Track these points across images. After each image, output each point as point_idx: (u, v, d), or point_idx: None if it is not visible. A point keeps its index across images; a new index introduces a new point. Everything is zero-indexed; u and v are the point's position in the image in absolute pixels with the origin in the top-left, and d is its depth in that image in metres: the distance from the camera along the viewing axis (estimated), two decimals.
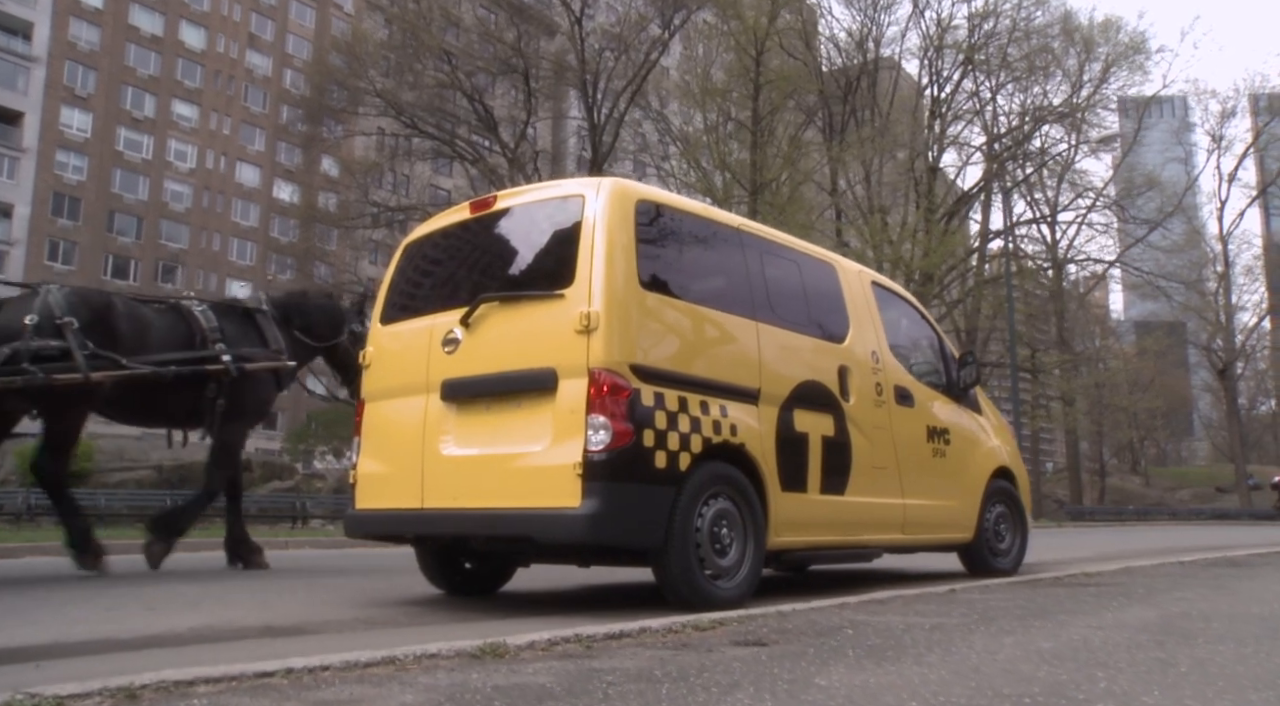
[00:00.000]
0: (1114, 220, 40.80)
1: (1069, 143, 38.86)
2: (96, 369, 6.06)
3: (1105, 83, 37.21)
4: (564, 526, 4.05)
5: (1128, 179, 41.64)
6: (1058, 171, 39.13)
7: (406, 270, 5.22)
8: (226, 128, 60.18)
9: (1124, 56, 37.18)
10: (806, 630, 3.25)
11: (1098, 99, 37.12)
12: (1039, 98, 37.77)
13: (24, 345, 5.83)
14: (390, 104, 33.63)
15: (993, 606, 3.88)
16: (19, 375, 5.77)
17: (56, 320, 5.99)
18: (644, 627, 3.20)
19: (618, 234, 4.34)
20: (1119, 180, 41.49)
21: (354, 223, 36.54)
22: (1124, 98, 40.19)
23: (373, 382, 5.08)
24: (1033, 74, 37.08)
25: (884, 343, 5.93)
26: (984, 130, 38.45)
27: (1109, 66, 36.99)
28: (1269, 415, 74.11)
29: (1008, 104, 38.19)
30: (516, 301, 4.47)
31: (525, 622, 4.10)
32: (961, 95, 37.64)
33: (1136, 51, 37.66)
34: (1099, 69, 36.91)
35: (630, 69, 34.48)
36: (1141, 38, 37.29)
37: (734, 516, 4.55)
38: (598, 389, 4.09)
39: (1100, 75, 36.96)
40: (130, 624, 4.04)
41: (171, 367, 6.54)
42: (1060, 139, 38.06)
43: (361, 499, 4.94)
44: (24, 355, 5.81)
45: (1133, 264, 41.53)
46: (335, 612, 4.50)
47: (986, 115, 37.96)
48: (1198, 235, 47.72)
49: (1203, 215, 48.59)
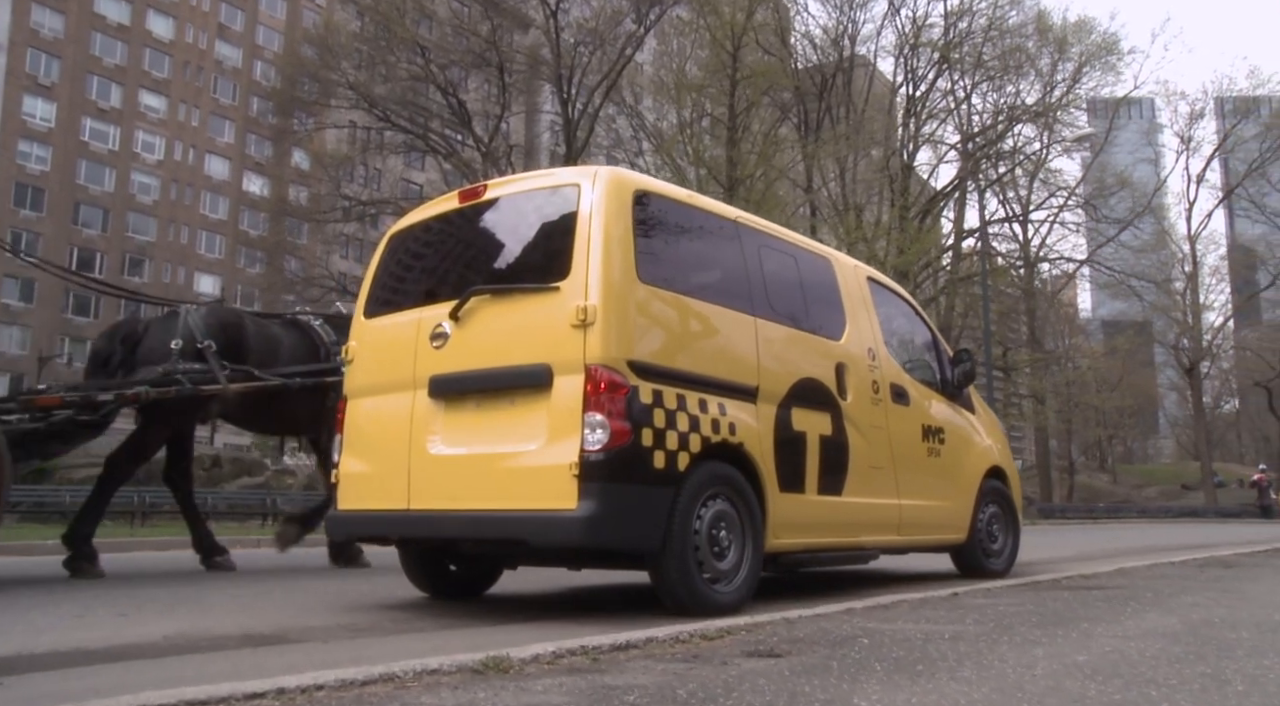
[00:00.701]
0: (1085, 219, 41.06)
1: (1042, 142, 39.07)
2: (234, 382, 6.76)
3: (1078, 83, 37.41)
4: (560, 529, 3.88)
5: (1099, 179, 41.91)
6: (1030, 171, 39.31)
7: (391, 262, 5.02)
8: (195, 119, 59.33)
9: (1096, 56, 37.38)
10: (819, 640, 3.11)
11: (1070, 99, 37.31)
12: (1012, 97, 37.93)
13: (172, 366, 6.57)
14: (363, 97, 33.20)
15: (1005, 613, 3.75)
16: (172, 385, 6.48)
17: (198, 344, 6.71)
18: (650, 637, 3.04)
19: (614, 225, 4.18)
20: (1090, 180, 41.76)
21: (325, 216, 36.08)
22: (1093, 99, 40.43)
23: (356, 378, 4.88)
24: (1007, 73, 37.20)
25: (880, 339, 5.80)
26: (958, 129, 38.58)
27: (1081, 66, 37.18)
28: (1232, 414, 75.12)
29: (982, 103, 38.33)
30: (509, 294, 4.28)
31: (518, 630, 3.93)
32: (936, 94, 37.74)
33: (1108, 52, 37.87)
34: (1072, 69, 37.10)
35: (605, 64, 34.23)
36: (1114, 38, 37.49)
37: (732, 518, 4.40)
38: (595, 386, 3.93)
39: (1073, 75, 37.15)
40: (101, 632, 3.83)
41: (297, 379, 7.14)
42: (1034, 138, 38.22)
43: (344, 499, 4.74)
44: (173, 376, 6.54)
45: (1104, 263, 41.82)
46: (317, 618, 4.31)
47: (961, 114, 38.06)
48: (1166, 235, 48.15)
49: (1171, 216, 48.98)
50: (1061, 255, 42.44)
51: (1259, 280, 53.71)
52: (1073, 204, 40.60)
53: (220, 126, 60.54)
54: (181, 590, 5.50)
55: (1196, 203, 49.53)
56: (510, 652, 2.63)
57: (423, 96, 35.02)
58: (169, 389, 6.46)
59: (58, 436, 6.36)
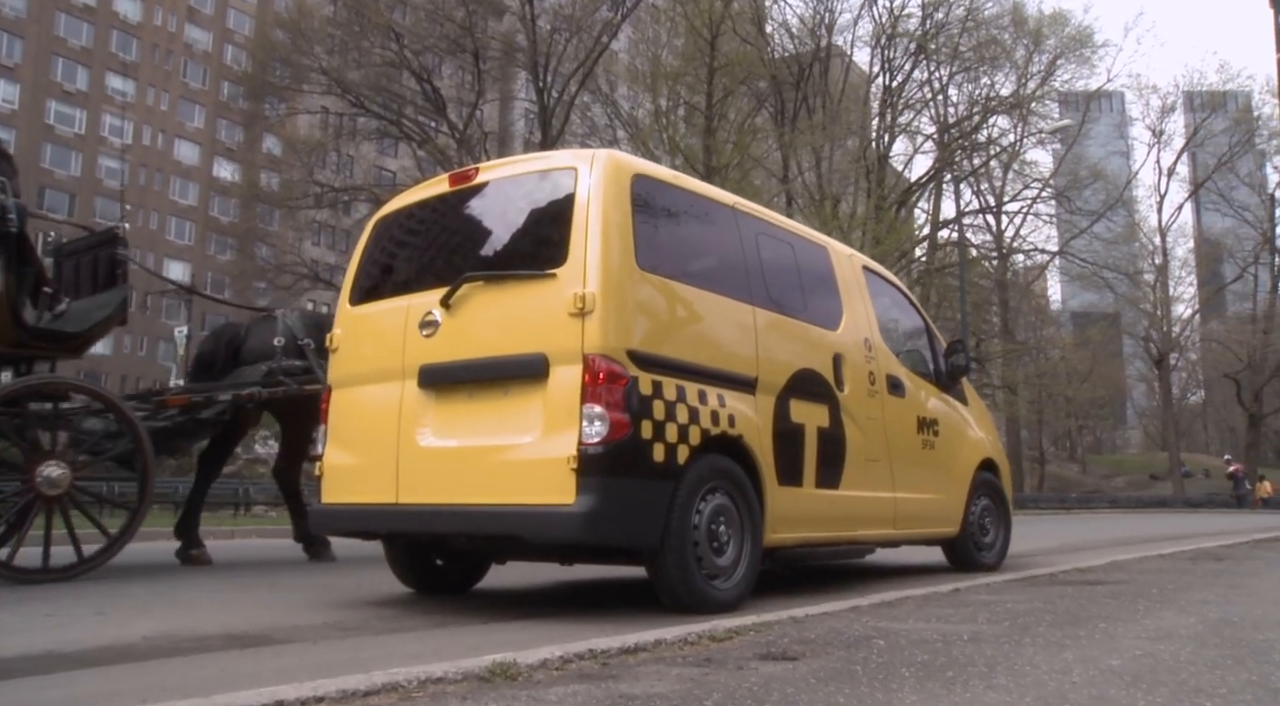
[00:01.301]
0: (1059, 211, 41.28)
1: (1016, 134, 39.22)
2: None
3: (1053, 75, 37.58)
4: (557, 525, 3.75)
5: (1072, 171, 42.15)
6: (1005, 162, 39.46)
7: (377, 248, 4.85)
8: (164, 103, 58.38)
9: (1070, 49, 37.57)
10: (832, 641, 3.00)
11: (1046, 91, 37.47)
12: (987, 88, 38.02)
13: (276, 363, 6.86)
14: (336, 82, 32.73)
15: (1016, 611, 3.66)
16: (279, 386, 6.75)
17: (299, 342, 6.96)
18: (659, 639, 2.91)
19: (613, 210, 4.03)
20: (1064, 172, 41.98)
21: (298, 203, 35.56)
22: (1064, 92, 40.59)
23: (341, 368, 4.71)
24: (982, 65, 37.27)
25: (876, 330, 5.70)
26: (934, 120, 38.62)
27: (1056, 58, 37.35)
28: (1199, 405, 76.06)
29: (958, 94, 38.39)
30: (503, 281, 4.13)
31: (515, 629, 3.80)
32: (912, 85, 37.74)
33: (1082, 44, 38.09)
34: (1047, 61, 37.25)
35: (581, 52, 33.93)
36: (1089, 31, 37.73)
37: (731, 513, 4.29)
38: (593, 376, 3.79)
39: (1048, 67, 37.30)
40: (75, 632, 3.66)
41: None
42: (1009, 129, 38.34)
43: (329, 492, 4.57)
44: (277, 372, 6.83)
45: (1076, 255, 42.09)
46: (303, 616, 4.15)
47: (937, 105, 38.11)
48: (1137, 228, 48.58)
49: (1142, 209, 49.42)
50: (1036, 247, 42.66)
51: (1224, 273, 54.37)
52: (1046, 195, 40.84)
53: (190, 111, 59.64)
54: (158, 586, 5.31)
55: (1167, 195, 49.66)
56: (517, 658, 2.50)
57: (396, 82, 34.59)
58: (277, 389, 6.75)
59: (182, 433, 6.84)
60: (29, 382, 5.76)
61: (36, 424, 5.78)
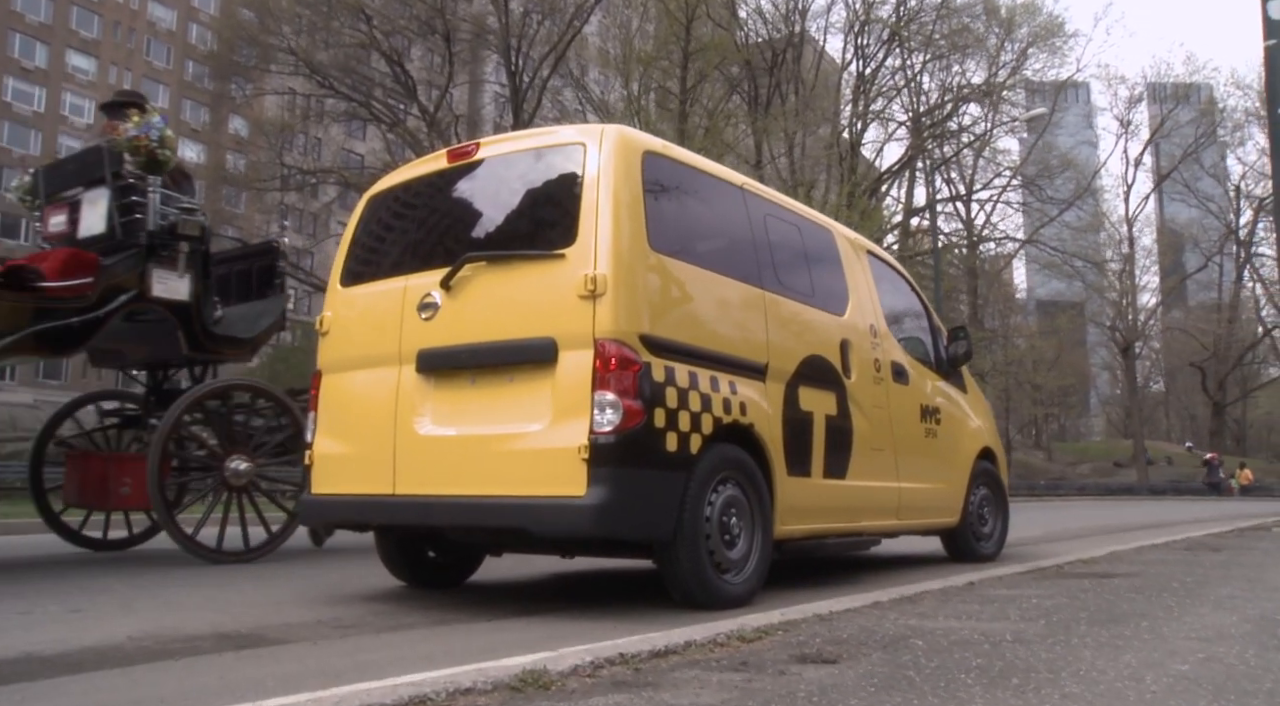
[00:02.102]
0: (1028, 200, 41.47)
1: (987, 122, 39.33)
2: None
3: (1024, 64, 37.68)
4: (567, 518, 3.57)
5: (1042, 160, 42.36)
6: (976, 150, 39.57)
7: (370, 226, 4.63)
8: (127, 82, 56.93)
9: (1041, 38, 37.68)
10: (866, 641, 2.85)
11: (1017, 79, 37.58)
12: (958, 77, 38.08)
13: None
14: (305, 62, 32.10)
15: (1044, 607, 3.53)
16: None
17: None
18: (688, 641, 2.74)
19: (624, 188, 3.85)
20: (1034, 161, 42.18)
21: (265, 185, 34.94)
22: (1029, 82, 40.68)
23: (332, 352, 4.48)
24: (954, 53, 37.30)
25: (881, 315, 5.56)
26: (905, 108, 38.63)
27: (1028, 47, 37.45)
28: (1160, 393, 77.12)
29: (930, 82, 38.42)
30: (507, 262, 3.93)
31: (522, 627, 3.62)
32: (885, 72, 37.70)
33: (1053, 34, 38.22)
34: (1018, 49, 37.34)
35: (554, 35, 33.53)
36: (1060, 21, 37.85)
37: (742, 504, 4.13)
38: (605, 362, 3.61)
39: (1019, 56, 37.40)
40: (53, 632, 3.43)
41: None
42: (982, 117, 38.42)
43: (319, 482, 4.36)
44: None
45: (1046, 244, 42.35)
46: (294, 612, 3.95)
47: (910, 92, 38.12)
48: (1104, 217, 48.99)
49: (1109, 199, 49.83)
50: (1006, 235, 42.88)
51: (1185, 263, 55.02)
52: (1016, 184, 41.03)
53: (154, 91, 58.23)
54: (138, 579, 5.07)
55: (1134, 185, 50.12)
56: (547, 665, 2.32)
57: (365, 64, 33.99)
58: None
59: None
60: (223, 383, 6.44)
61: (222, 421, 6.28)
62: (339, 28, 33.14)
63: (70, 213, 6.09)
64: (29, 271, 5.56)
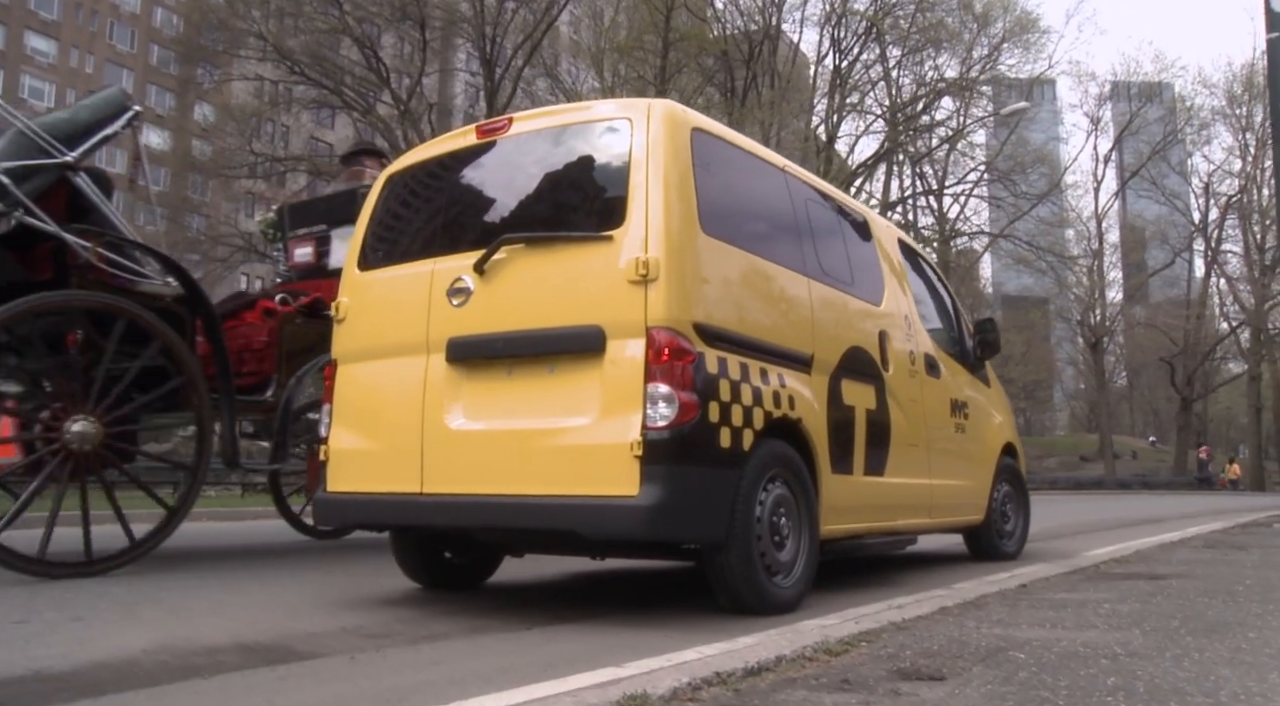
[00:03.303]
0: (998, 195, 41.59)
1: (960, 117, 39.43)
2: None
3: (998, 59, 37.80)
4: (619, 520, 3.32)
5: (1013, 155, 42.53)
6: (951, 143, 39.63)
7: (390, 207, 4.34)
8: (89, 66, 55.90)
9: (1015, 33, 37.81)
10: (960, 653, 2.63)
11: (993, 74, 37.70)
12: (934, 71, 38.11)
13: None
14: (275, 47, 31.44)
15: (1124, 614, 3.34)
16: None
17: None
18: (779, 656, 2.51)
19: (673, 166, 3.60)
20: (1005, 156, 42.34)
21: (233, 172, 34.24)
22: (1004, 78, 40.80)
23: (350, 340, 4.19)
24: (930, 47, 37.32)
25: (914, 306, 5.36)
26: (879, 103, 38.59)
27: (1002, 42, 37.56)
28: (1124, 388, 78.06)
29: (906, 76, 38.42)
30: (548, 244, 3.66)
31: (567, 635, 3.36)
32: (860, 66, 37.64)
33: (1027, 30, 38.36)
34: (993, 44, 37.45)
35: (529, 23, 33.09)
36: (1035, 17, 37.96)
37: (791, 504, 3.91)
38: (658, 352, 3.36)
39: (991, 50, 37.49)
40: (59, 645, 3.13)
41: None
42: (956, 111, 38.48)
43: (336, 480, 4.07)
44: None
45: (1020, 238, 42.54)
46: (312, 620, 3.67)
47: (886, 85, 38.10)
48: (1075, 214, 49.34)
49: (1077, 194, 50.03)
50: (980, 230, 43.02)
51: (1148, 260, 55.57)
52: (990, 179, 41.14)
53: (117, 75, 57.07)
54: (135, 582, 4.75)
55: (1104, 182, 50.51)
56: (645, 688, 2.08)
57: (335, 51, 33.36)
58: None
59: None
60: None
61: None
62: (311, 13, 32.49)
63: (317, 245, 6.50)
64: (321, 302, 5.87)
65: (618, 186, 3.61)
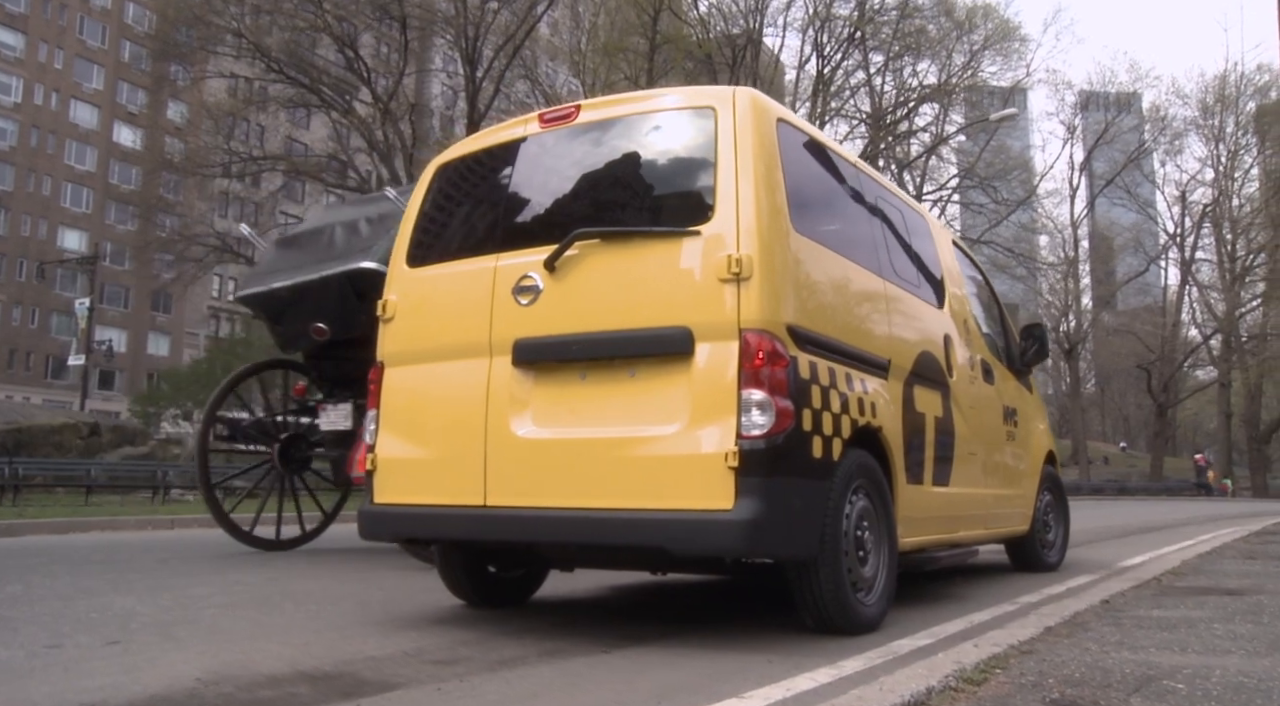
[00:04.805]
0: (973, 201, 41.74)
1: (940, 123, 39.59)
2: None
3: (980, 66, 38.00)
4: (713, 536, 3.09)
5: (992, 161, 42.74)
6: (929, 147, 39.76)
7: (441, 199, 4.08)
8: (58, 61, 54.87)
9: (995, 41, 38.05)
10: (1107, 682, 2.42)
11: (974, 81, 37.89)
12: (916, 77, 38.24)
13: None
14: (254, 45, 30.91)
15: (1243, 635, 3.16)
16: None
17: None
18: (928, 688, 2.29)
19: (762, 159, 3.38)
20: (985, 163, 42.53)
21: (209, 171, 33.62)
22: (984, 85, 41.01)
23: (399, 342, 3.93)
24: (908, 54, 37.43)
25: (970, 309, 5.17)
26: (858, 110, 38.61)
27: (981, 50, 37.75)
28: (1094, 394, 78.86)
29: (888, 81, 38.52)
30: (626, 240, 3.43)
31: (652, 659, 3.12)
32: (841, 72, 37.66)
33: (1007, 37, 38.63)
34: (973, 52, 37.65)
35: (511, 25, 32.77)
36: (1015, 26, 38.25)
37: (872, 516, 3.69)
38: (752, 356, 3.13)
39: (971, 57, 37.69)
40: (104, 674, 2.85)
41: None
42: (937, 117, 38.62)
43: (385, 490, 3.81)
44: None
45: (998, 244, 42.73)
46: (369, 643, 3.41)
47: (869, 91, 38.16)
48: (1050, 220, 49.72)
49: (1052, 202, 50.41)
50: (959, 235, 43.13)
51: (1117, 267, 56.12)
52: (969, 185, 41.29)
53: (87, 70, 56.16)
54: (158, 600, 4.46)
55: (1079, 189, 50.98)
56: None
57: (312, 50, 32.85)
58: None
59: None
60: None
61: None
62: (290, 10, 31.98)
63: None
64: None
65: (702, 179, 3.38)
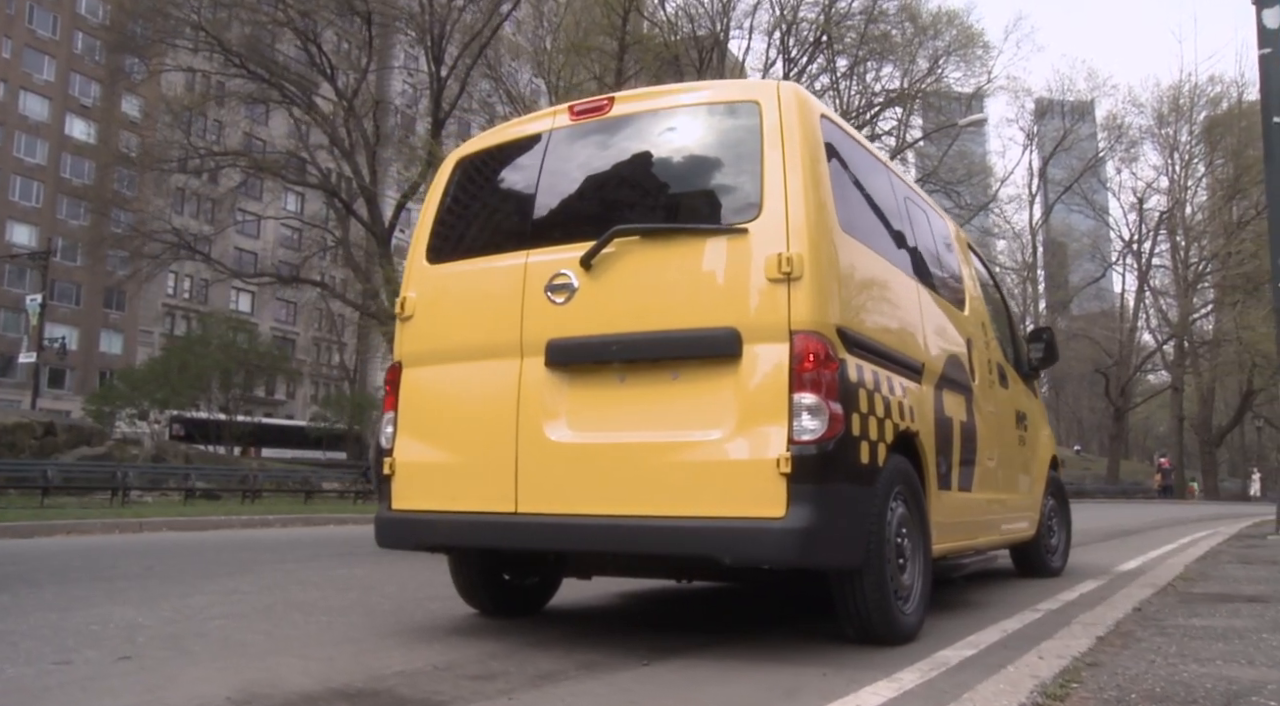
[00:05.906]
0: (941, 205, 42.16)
1: (903, 128, 39.93)
2: None
3: (943, 72, 38.36)
4: (765, 544, 2.97)
5: (953, 166, 43.16)
6: (893, 153, 40.07)
7: (463, 194, 3.93)
8: (6, 51, 53.45)
9: (958, 48, 38.44)
10: (1192, 697, 2.35)
11: (938, 87, 38.25)
12: (875, 82, 38.53)
13: None
14: (214, 38, 30.34)
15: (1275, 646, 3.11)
16: None
17: None
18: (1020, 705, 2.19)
19: (808, 154, 3.27)
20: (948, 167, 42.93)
21: (166, 167, 32.92)
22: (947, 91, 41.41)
23: (420, 341, 3.77)
24: (871, 59, 37.70)
25: (987, 313, 5.11)
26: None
27: (944, 55, 38.13)
28: (1049, 398, 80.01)
29: (855, 86, 38.74)
30: (668, 237, 3.30)
31: (699, 673, 3.00)
32: (806, 77, 37.80)
33: (969, 44, 39.05)
34: (938, 57, 38.00)
35: (477, 22, 32.49)
36: (980, 32, 38.65)
37: (910, 522, 3.60)
38: (803, 358, 3.03)
39: (933, 62, 38.04)
40: (125, 693, 2.68)
41: None
42: (900, 122, 38.94)
43: (404, 496, 3.65)
44: None
45: None
46: (393, 656, 3.25)
47: (834, 96, 38.33)
48: (1008, 225, 50.37)
49: (1014, 207, 51.04)
50: None
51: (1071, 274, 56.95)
52: (932, 188, 41.67)
53: (38, 62, 54.80)
54: (160, 610, 4.25)
55: (1038, 196, 51.75)
56: None
57: (271, 47, 32.33)
58: None
59: None
60: None
61: None
62: (253, 3, 31.44)
63: None
64: None
65: (747, 174, 3.27)
